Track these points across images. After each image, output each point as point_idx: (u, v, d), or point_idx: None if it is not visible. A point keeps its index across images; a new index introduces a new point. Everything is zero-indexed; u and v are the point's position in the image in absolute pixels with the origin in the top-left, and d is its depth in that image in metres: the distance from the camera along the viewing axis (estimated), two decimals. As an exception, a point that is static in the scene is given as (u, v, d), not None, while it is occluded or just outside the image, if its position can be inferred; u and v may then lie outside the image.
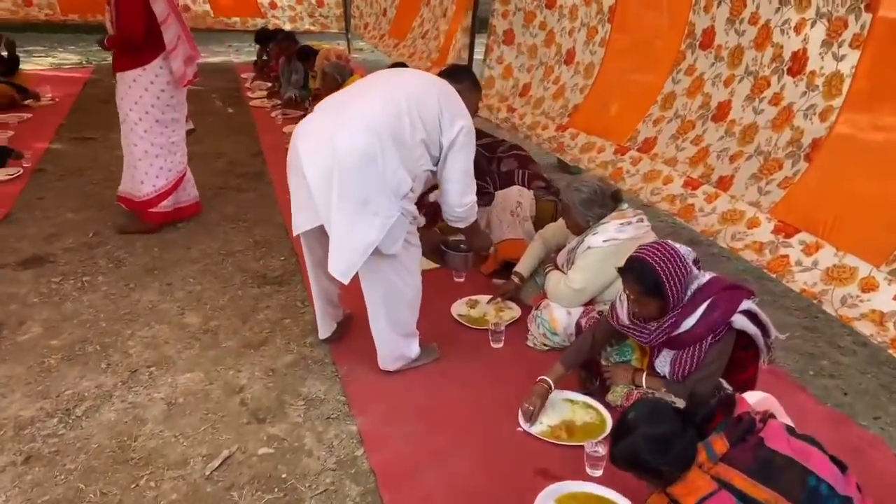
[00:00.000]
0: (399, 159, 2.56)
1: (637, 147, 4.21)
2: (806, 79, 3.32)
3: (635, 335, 2.55)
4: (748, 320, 2.41)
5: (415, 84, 2.73)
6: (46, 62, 10.55)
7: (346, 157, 2.49)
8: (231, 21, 10.79)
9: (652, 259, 2.38)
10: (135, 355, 3.09)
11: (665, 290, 2.36)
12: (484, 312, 3.43)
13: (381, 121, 2.54)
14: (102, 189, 5.16)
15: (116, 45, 4.06)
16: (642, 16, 4.49)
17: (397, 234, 2.61)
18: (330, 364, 3.05)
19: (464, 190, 2.80)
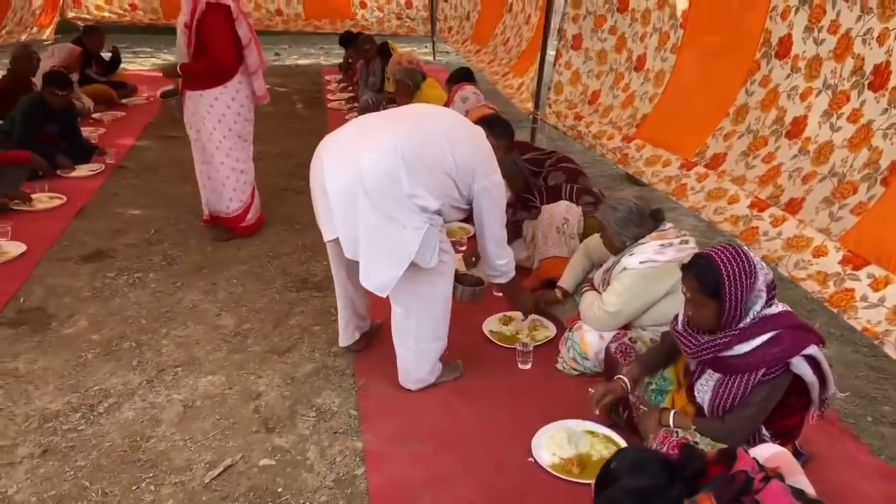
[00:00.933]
0: (424, 185, 2.52)
1: (705, 163, 3.92)
2: (888, 95, 2.98)
3: (684, 344, 2.35)
4: (809, 367, 2.17)
5: (452, 124, 2.74)
6: (150, 63, 11.14)
7: (370, 176, 2.48)
8: (321, 23, 11.02)
9: (718, 257, 2.19)
10: (165, 354, 3.15)
11: (724, 292, 2.15)
12: (517, 330, 3.29)
13: (408, 146, 2.51)
14: (173, 187, 5.35)
15: (203, 73, 3.94)
16: (716, 21, 4.18)
17: (432, 245, 2.57)
18: (350, 375, 3.00)
19: (499, 243, 2.83)
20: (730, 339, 2.20)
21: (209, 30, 3.81)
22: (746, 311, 2.17)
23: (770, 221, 3.35)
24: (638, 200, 2.88)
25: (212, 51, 3.85)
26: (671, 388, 2.55)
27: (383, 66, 7.45)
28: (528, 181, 3.77)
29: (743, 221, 3.47)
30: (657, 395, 2.56)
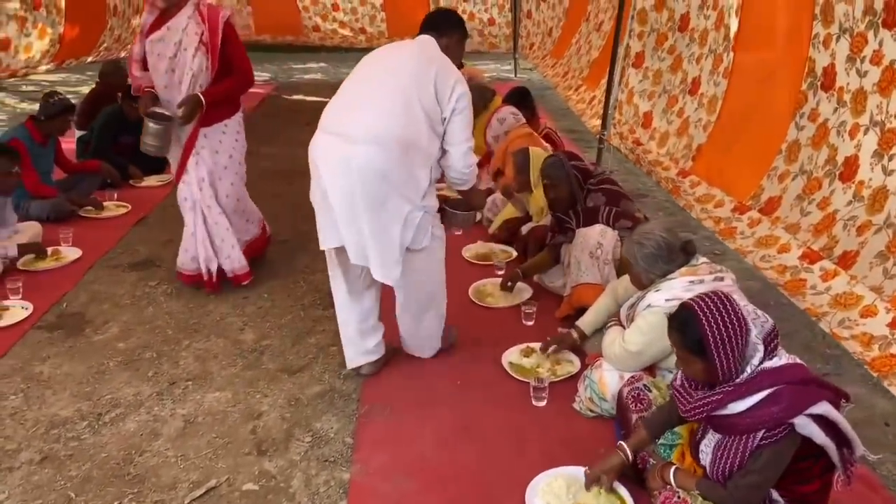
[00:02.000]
0: (414, 161, 2.68)
1: (759, 207, 3.57)
2: None
3: (678, 401, 2.12)
4: (819, 428, 1.90)
5: (407, 72, 2.72)
6: (242, 78, 11.58)
7: (364, 175, 2.61)
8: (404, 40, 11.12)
9: (700, 310, 1.96)
10: (181, 367, 3.16)
11: (709, 350, 1.93)
12: (538, 363, 3.09)
13: (390, 130, 2.63)
14: (230, 199, 5.45)
15: (233, 93, 3.66)
16: (763, 45, 3.83)
17: (425, 229, 2.79)
18: (355, 400, 2.90)
19: (465, 152, 2.85)
20: (722, 397, 1.96)
21: (235, 46, 3.56)
22: (742, 366, 1.92)
23: (820, 275, 3.00)
24: (666, 234, 2.64)
25: (243, 65, 3.61)
26: (679, 441, 2.31)
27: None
28: (574, 191, 3.52)
29: (791, 272, 3.13)
30: (665, 448, 2.32)
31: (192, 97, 3.44)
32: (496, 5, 10.60)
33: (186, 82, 3.45)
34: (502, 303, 3.67)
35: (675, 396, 2.13)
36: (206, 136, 3.62)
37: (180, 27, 3.39)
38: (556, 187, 3.55)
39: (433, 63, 2.74)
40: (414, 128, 2.67)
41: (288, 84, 11.11)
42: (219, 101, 3.55)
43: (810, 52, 3.36)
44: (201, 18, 3.43)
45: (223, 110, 3.66)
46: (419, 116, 2.67)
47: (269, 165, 6.48)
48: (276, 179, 6.04)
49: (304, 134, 7.67)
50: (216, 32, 3.44)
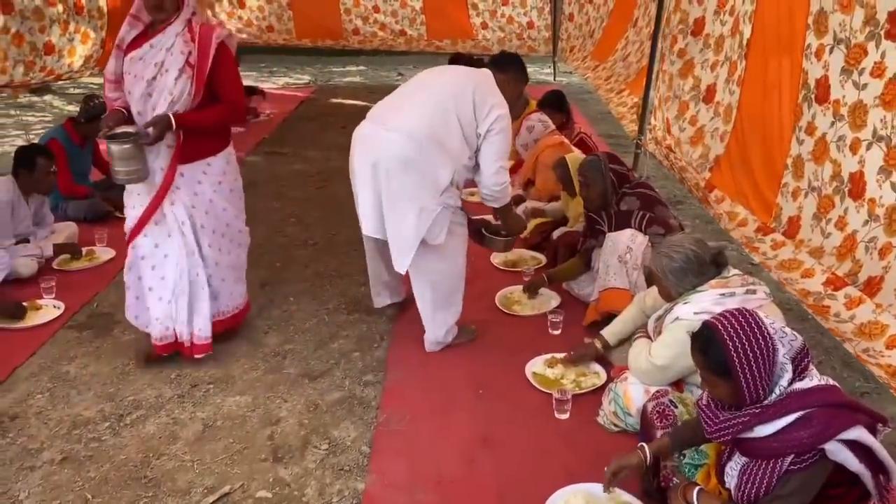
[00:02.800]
0: (440, 160, 2.87)
1: (782, 230, 3.38)
2: None
3: (704, 421, 2.02)
4: (851, 453, 1.78)
5: (452, 84, 2.99)
6: (282, 81, 11.71)
7: (391, 165, 2.82)
8: (443, 43, 11.10)
9: (725, 330, 1.86)
10: (204, 369, 3.15)
11: (734, 371, 1.83)
12: (562, 374, 3.00)
13: (423, 128, 2.83)
14: (262, 202, 5.48)
15: (222, 123, 3.11)
16: (770, 53, 3.66)
17: (441, 225, 2.92)
18: (374, 408, 2.86)
19: (497, 171, 3.00)
20: (749, 419, 1.85)
21: (226, 71, 2.96)
22: (770, 388, 1.81)
23: (844, 303, 2.80)
24: (696, 246, 2.53)
25: (233, 94, 3.04)
26: (706, 462, 2.20)
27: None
28: (608, 192, 3.43)
29: (814, 297, 2.96)
30: (691, 468, 2.21)
31: (162, 117, 2.82)
32: (536, 8, 10.48)
33: (162, 107, 2.84)
34: (529, 311, 3.60)
35: (700, 416, 2.03)
36: (182, 174, 2.99)
37: (165, 45, 2.83)
38: (589, 186, 3.46)
39: (476, 82, 3.00)
40: (445, 131, 2.87)
41: (327, 87, 11.19)
42: (198, 129, 2.93)
43: (803, 63, 3.22)
44: (191, 36, 2.85)
45: (205, 144, 3.04)
46: (453, 123, 2.89)
47: (302, 168, 6.51)
48: (308, 182, 6.06)
49: (340, 138, 7.77)
50: (206, 54, 2.85)
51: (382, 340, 3.38)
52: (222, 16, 11.03)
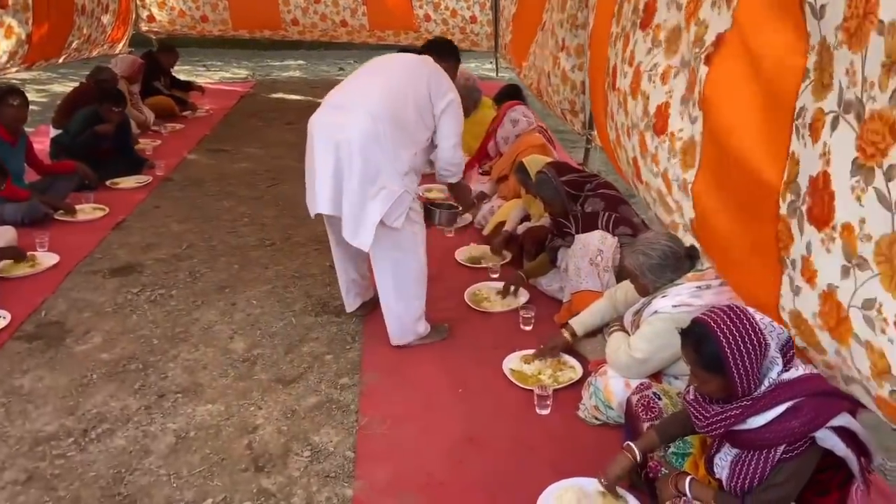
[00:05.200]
0: (400, 141, 2.95)
1: (633, 174, 3.46)
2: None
3: (693, 416, 2.06)
4: (839, 439, 1.85)
5: (407, 69, 3.13)
6: (218, 76, 11.38)
7: (354, 142, 2.86)
8: (385, 34, 10.99)
9: (717, 326, 1.89)
10: (170, 378, 3.03)
11: (728, 367, 1.86)
12: (539, 370, 3.02)
13: (384, 109, 2.91)
14: (212, 201, 5.32)
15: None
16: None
17: (400, 209, 2.96)
18: (354, 412, 2.81)
19: (454, 147, 3.17)
20: (741, 412, 1.90)
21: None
22: (760, 380, 1.87)
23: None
24: (671, 242, 2.60)
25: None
26: (691, 451, 2.25)
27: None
28: (566, 205, 3.51)
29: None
30: (677, 458, 2.26)
31: None
32: (478, 3, 10.49)
33: None
34: (499, 307, 3.60)
35: (689, 412, 2.06)
36: None
37: None
38: (550, 204, 3.61)
39: (428, 66, 3.17)
40: (403, 112, 2.98)
41: (266, 82, 10.94)
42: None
43: (608, 51, 3.46)
44: None
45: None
46: (409, 104, 3.00)
47: (249, 166, 6.34)
48: (257, 181, 5.90)
49: (286, 134, 7.65)
50: None
51: (354, 342, 3.33)
52: (153, 6, 10.61)
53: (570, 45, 6.07)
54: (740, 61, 2.27)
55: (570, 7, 5.98)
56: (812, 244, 1.83)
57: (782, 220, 1.98)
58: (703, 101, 2.54)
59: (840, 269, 1.68)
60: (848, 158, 1.64)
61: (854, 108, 1.63)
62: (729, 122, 2.31)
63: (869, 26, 1.55)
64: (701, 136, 2.59)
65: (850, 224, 1.63)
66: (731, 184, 2.31)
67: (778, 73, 2.00)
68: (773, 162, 2.04)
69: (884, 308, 1.50)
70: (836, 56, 1.71)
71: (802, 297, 1.89)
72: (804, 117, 1.87)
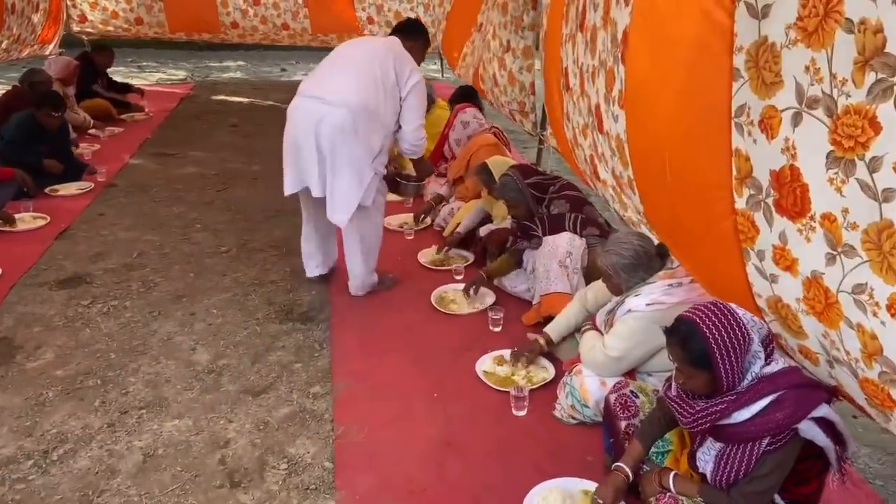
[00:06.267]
0: (373, 127, 3.28)
1: (591, 171, 3.54)
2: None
3: (678, 412, 2.09)
4: (820, 430, 1.91)
5: (374, 55, 3.34)
6: (155, 78, 11.03)
7: (335, 136, 3.20)
8: (328, 38, 10.85)
9: (703, 323, 1.92)
10: (132, 394, 2.91)
11: (715, 362, 1.90)
12: (512, 372, 3.02)
13: (358, 100, 3.21)
14: (161, 207, 5.15)
15: None
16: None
17: (373, 189, 3.39)
18: (328, 421, 2.75)
19: (417, 127, 3.49)
20: (726, 406, 1.94)
21: None
22: (743, 375, 1.92)
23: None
24: (642, 241, 2.64)
25: None
26: (670, 448, 2.30)
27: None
28: (532, 208, 3.53)
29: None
30: (657, 455, 2.30)
31: None
32: (422, 4, 10.48)
33: None
34: (466, 309, 3.60)
35: (672, 408, 2.10)
36: None
37: None
38: (514, 207, 3.61)
39: (394, 52, 3.39)
40: (375, 101, 3.25)
41: (206, 83, 10.67)
42: None
43: (560, 53, 3.57)
44: None
45: None
46: (380, 91, 3.27)
47: (197, 170, 6.17)
48: (206, 185, 5.74)
49: (231, 137, 7.49)
50: None
51: (322, 349, 3.26)
52: (84, 6, 10.21)
53: (515, 46, 6.14)
54: (649, 60, 2.35)
55: (513, 9, 6.06)
56: (787, 234, 1.88)
57: (741, 213, 2.03)
58: (625, 102, 2.62)
59: (825, 256, 1.73)
60: (820, 152, 1.69)
61: (822, 104, 1.67)
62: (653, 123, 2.37)
63: (833, 24, 1.60)
64: (626, 135, 2.67)
65: (832, 214, 1.68)
66: (670, 182, 2.36)
67: (699, 74, 2.06)
68: (713, 160, 2.08)
69: (875, 292, 1.56)
70: (785, 54, 1.76)
71: (782, 284, 1.94)
72: (747, 115, 1.92)
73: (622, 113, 2.60)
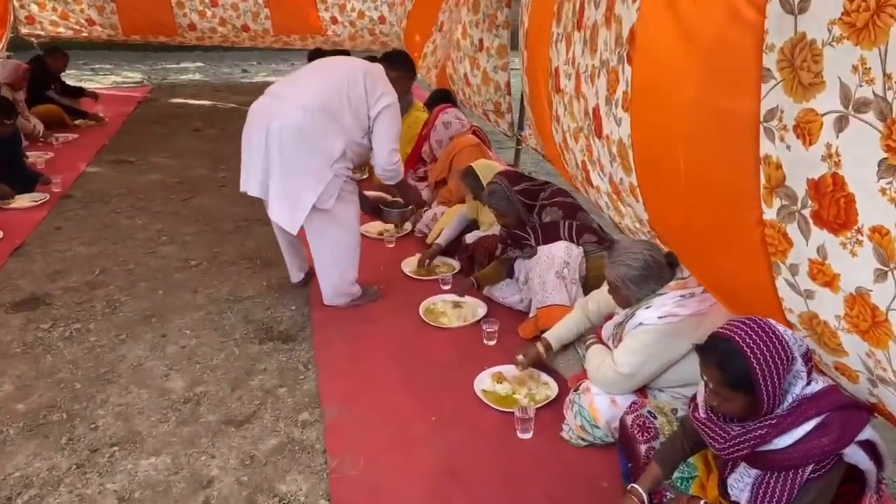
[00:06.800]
0: (332, 132, 3.15)
1: (581, 177, 3.40)
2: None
3: (711, 437, 1.93)
4: (864, 453, 1.78)
5: (346, 69, 3.29)
6: (110, 80, 10.60)
7: (285, 133, 3.07)
8: (290, 39, 10.55)
9: (744, 341, 1.76)
10: (101, 428, 2.67)
11: (757, 385, 1.74)
12: (513, 389, 2.86)
13: (316, 102, 3.12)
14: (122, 219, 4.86)
15: None
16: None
17: (331, 192, 3.20)
18: (320, 452, 2.55)
19: (390, 152, 3.34)
20: (766, 431, 1.80)
21: None
22: (784, 396, 1.78)
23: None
24: (652, 251, 2.49)
25: None
26: (696, 474, 2.15)
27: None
28: (522, 216, 3.36)
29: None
30: (682, 482, 2.15)
31: None
32: (386, 3, 10.24)
33: None
34: (457, 322, 3.42)
35: (702, 432, 1.95)
36: None
37: None
38: (504, 215, 3.45)
39: (367, 70, 3.29)
40: (338, 107, 3.16)
41: (164, 86, 10.29)
42: None
43: (549, 52, 3.42)
44: None
45: None
46: (345, 101, 3.18)
47: (160, 178, 5.87)
48: (170, 194, 5.45)
49: (194, 142, 7.19)
50: None
51: (307, 370, 3.05)
52: (32, 7, 9.73)
53: (489, 45, 5.98)
54: (661, 59, 2.18)
55: (485, 7, 5.90)
56: (827, 247, 1.74)
57: (770, 225, 1.89)
58: (631, 104, 2.46)
59: (873, 272, 1.59)
60: (870, 159, 1.55)
61: (874, 107, 1.53)
62: (665, 127, 2.21)
63: (888, 20, 1.46)
64: (630, 139, 2.51)
65: (884, 227, 1.54)
66: (684, 189, 2.21)
67: (722, 74, 1.91)
68: (737, 168, 1.94)
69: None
70: (828, 52, 1.62)
71: (820, 300, 1.81)
72: (779, 119, 1.79)
73: (626, 116, 2.45)
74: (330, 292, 3.51)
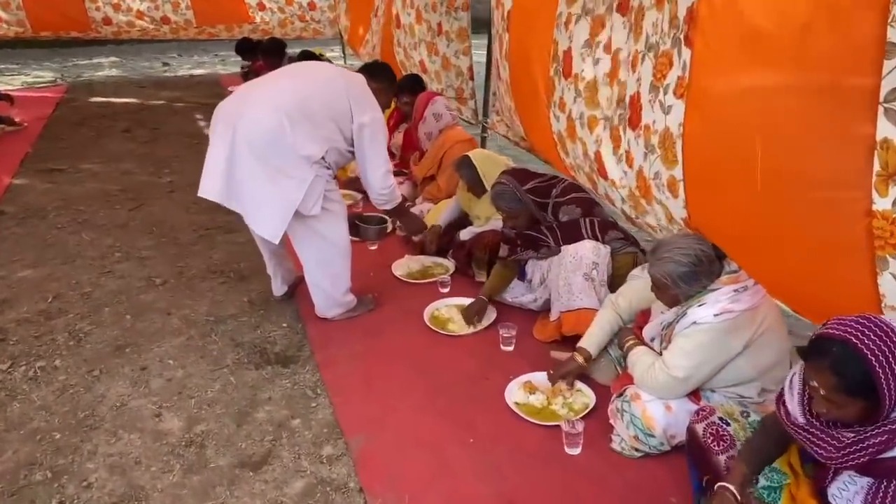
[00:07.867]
0: (309, 135, 2.86)
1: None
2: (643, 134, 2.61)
3: (816, 445, 1.77)
4: None
5: (324, 74, 3.07)
6: (18, 81, 9.77)
7: (253, 135, 2.79)
8: (215, 29, 9.98)
9: (861, 343, 1.59)
10: (96, 486, 2.32)
11: (880, 390, 1.59)
12: (548, 400, 2.66)
13: (288, 101, 2.85)
14: (66, 235, 4.39)
15: None
16: (519, 25, 3.85)
17: (316, 195, 2.90)
18: (356, 491, 2.28)
19: (384, 175, 3.11)
20: (888, 437, 1.66)
21: None
22: None
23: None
24: (701, 244, 2.33)
25: None
26: (786, 482, 2.01)
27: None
28: (535, 216, 3.14)
29: None
30: (769, 492, 2.01)
31: None
32: (322, -14, 9.85)
33: None
34: (468, 329, 3.19)
35: (803, 440, 1.80)
36: None
37: None
38: (515, 217, 3.18)
39: (348, 79, 3.07)
40: (311, 107, 2.89)
41: (80, 85, 9.55)
42: None
43: (554, 34, 3.26)
44: None
45: None
46: (323, 107, 2.92)
47: (99, 186, 5.38)
48: (114, 204, 4.98)
49: (128, 144, 6.68)
50: None
51: (318, 396, 2.77)
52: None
53: (449, 29, 5.73)
54: (734, 40, 2.02)
55: (441, -12, 5.65)
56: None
57: (882, 215, 1.76)
58: (688, 90, 2.29)
59: None
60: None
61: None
62: (734, 113, 2.06)
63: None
64: (680, 129, 2.35)
65: None
66: (759, 181, 2.06)
67: (826, 51, 1.75)
68: (842, 153, 1.80)
69: None
70: None
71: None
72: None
73: (680, 103, 2.27)
74: (322, 303, 3.23)
